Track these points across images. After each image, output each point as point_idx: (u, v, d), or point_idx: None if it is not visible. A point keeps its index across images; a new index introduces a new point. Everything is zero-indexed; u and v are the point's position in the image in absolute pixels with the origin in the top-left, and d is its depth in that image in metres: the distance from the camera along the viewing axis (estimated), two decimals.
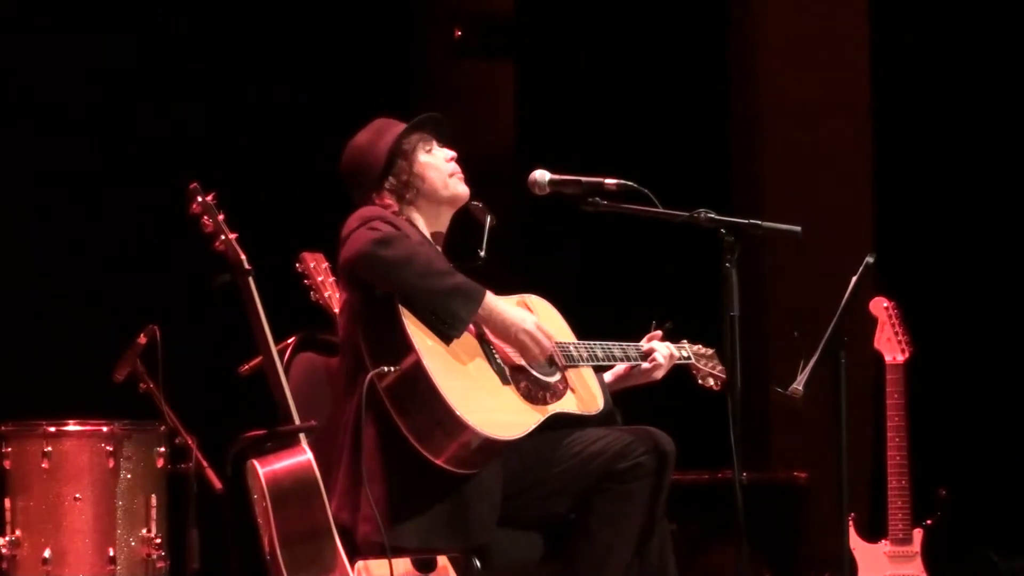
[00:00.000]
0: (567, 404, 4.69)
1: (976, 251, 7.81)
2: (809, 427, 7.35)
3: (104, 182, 7.58)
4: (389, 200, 4.79)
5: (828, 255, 7.47)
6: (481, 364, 4.59)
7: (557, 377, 4.71)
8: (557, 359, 4.71)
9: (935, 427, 7.04)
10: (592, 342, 4.85)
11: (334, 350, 5.33)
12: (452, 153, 4.87)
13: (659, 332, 5.01)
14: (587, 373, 4.81)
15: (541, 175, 4.85)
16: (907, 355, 6.38)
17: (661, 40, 8.53)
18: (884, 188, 8.09)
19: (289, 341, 5.19)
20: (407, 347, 4.45)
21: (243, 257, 4.66)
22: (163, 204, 5.50)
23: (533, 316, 4.68)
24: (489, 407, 4.50)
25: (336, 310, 5.84)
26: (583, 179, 4.84)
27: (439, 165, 4.83)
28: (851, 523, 6.23)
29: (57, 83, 7.56)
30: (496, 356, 4.63)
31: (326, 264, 5.96)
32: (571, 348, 4.78)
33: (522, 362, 4.66)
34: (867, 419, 7.05)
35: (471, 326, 4.59)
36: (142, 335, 6.07)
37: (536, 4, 8.71)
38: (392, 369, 4.44)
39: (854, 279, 5.17)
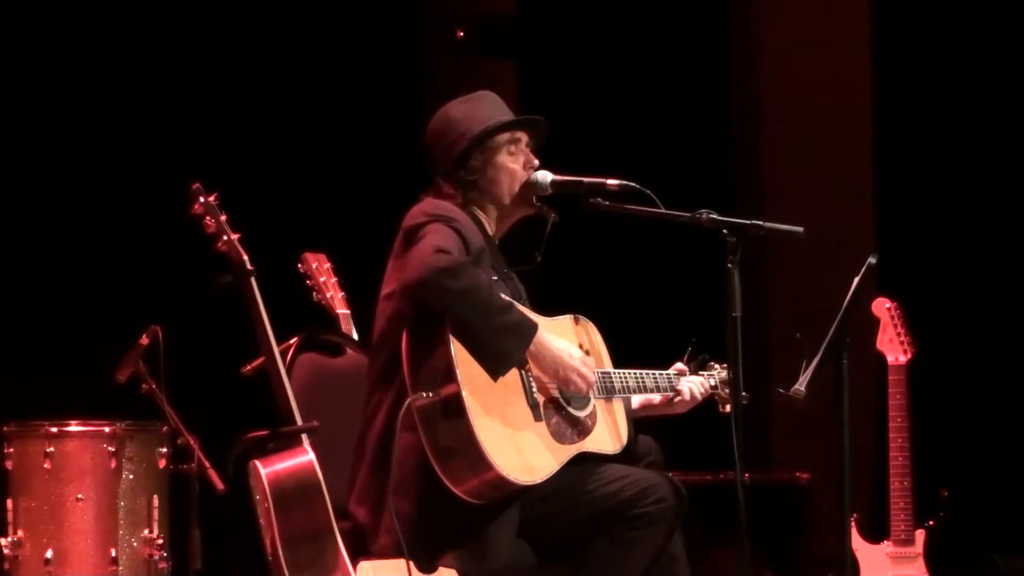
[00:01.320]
0: (591, 443, 4.66)
1: (978, 252, 7.80)
2: (811, 428, 7.34)
3: (107, 182, 7.57)
4: (454, 191, 4.72)
5: (830, 256, 7.46)
6: (517, 398, 4.56)
7: (588, 411, 4.69)
8: (593, 391, 4.70)
9: (937, 428, 7.04)
10: (628, 371, 4.83)
11: (336, 350, 5.33)
12: (536, 161, 4.80)
13: (687, 366, 5.00)
14: (617, 405, 4.79)
15: (543, 176, 4.84)
16: (909, 356, 6.38)
17: (663, 41, 8.53)
18: (886, 189, 8.09)
19: (291, 342, 5.19)
20: (450, 376, 4.41)
21: (245, 258, 4.67)
22: (166, 204, 5.49)
23: (579, 351, 4.66)
24: (518, 448, 4.48)
25: (338, 310, 5.86)
26: (585, 180, 4.84)
27: (515, 171, 4.76)
28: (853, 524, 6.24)
29: (57, 83, 7.56)
30: (533, 387, 4.60)
31: (328, 264, 5.97)
32: (609, 379, 4.75)
33: (557, 394, 4.64)
34: (869, 420, 7.05)
35: None
36: (144, 336, 6.07)
37: (538, 4, 8.70)
38: (430, 395, 4.43)
39: (856, 280, 5.16)
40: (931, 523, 6.36)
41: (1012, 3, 7.81)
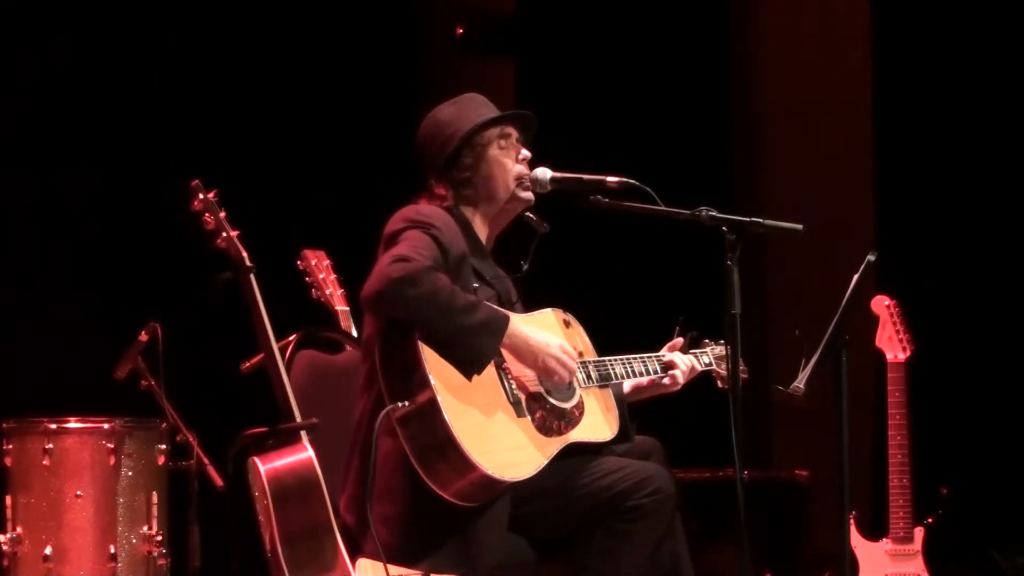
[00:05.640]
0: (581, 432, 4.66)
1: (978, 249, 7.80)
2: (810, 425, 7.34)
3: (107, 179, 7.57)
4: (447, 192, 4.73)
5: (829, 253, 7.47)
6: (497, 397, 4.55)
7: (574, 401, 4.69)
8: (577, 381, 4.71)
9: (936, 425, 7.03)
10: (613, 358, 4.83)
11: (335, 347, 5.33)
12: (527, 153, 4.81)
13: (680, 340, 4.99)
14: (607, 392, 4.79)
15: (542, 173, 4.84)
16: (908, 353, 6.37)
17: (663, 39, 8.53)
18: (885, 186, 8.08)
19: (290, 338, 5.19)
20: (423, 382, 4.42)
21: (244, 254, 4.66)
22: (165, 201, 5.49)
23: (558, 339, 4.65)
24: (501, 446, 4.48)
25: (337, 307, 5.86)
26: (585, 177, 4.84)
27: (507, 164, 4.76)
28: (852, 521, 6.23)
29: (58, 80, 7.56)
30: (512, 385, 4.60)
31: (327, 261, 5.98)
32: (591, 368, 4.75)
33: (539, 388, 4.64)
34: (868, 417, 7.05)
35: None
36: (143, 332, 6.08)
37: (538, 2, 8.70)
38: (406, 404, 4.43)
39: (855, 277, 5.16)
40: (930, 521, 6.36)
41: (1012, 3, 7.81)
